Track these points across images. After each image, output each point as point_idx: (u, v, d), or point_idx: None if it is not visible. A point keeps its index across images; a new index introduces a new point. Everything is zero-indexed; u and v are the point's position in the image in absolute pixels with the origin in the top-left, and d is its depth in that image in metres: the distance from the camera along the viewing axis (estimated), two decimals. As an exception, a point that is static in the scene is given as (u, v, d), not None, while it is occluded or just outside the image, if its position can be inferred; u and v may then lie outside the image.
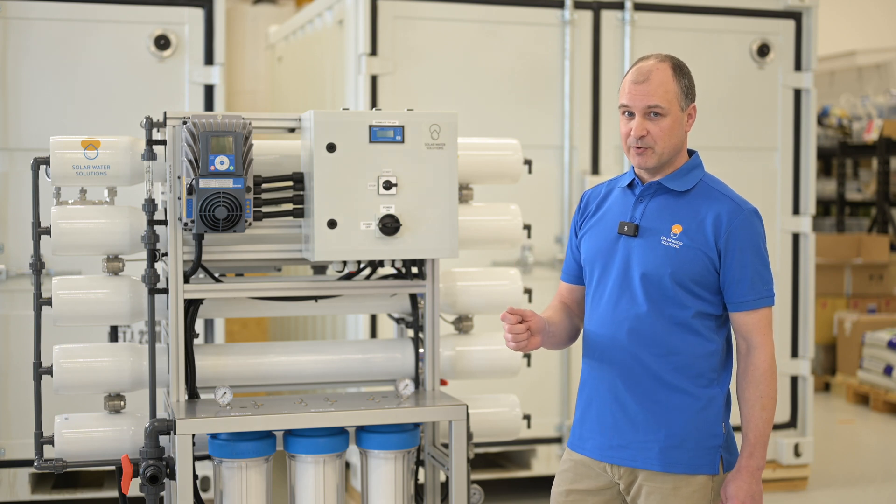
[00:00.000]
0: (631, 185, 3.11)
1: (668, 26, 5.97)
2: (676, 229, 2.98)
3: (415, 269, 3.80)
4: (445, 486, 3.75)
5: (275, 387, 3.88)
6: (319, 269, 4.14)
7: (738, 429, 3.04)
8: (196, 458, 3.47)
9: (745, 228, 2.95)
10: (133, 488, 3.66)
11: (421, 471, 3.92)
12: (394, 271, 3.85)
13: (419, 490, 3.92)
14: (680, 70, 3.00)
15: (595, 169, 5.85)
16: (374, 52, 5.52)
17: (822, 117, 10.96)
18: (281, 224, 3.69)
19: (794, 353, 6.28)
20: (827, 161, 12.03)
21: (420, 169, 3.58)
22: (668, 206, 3.02)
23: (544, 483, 3.47)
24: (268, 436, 3.58)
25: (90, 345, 3.75)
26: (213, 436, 3.55)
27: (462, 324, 4.09)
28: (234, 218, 3.46)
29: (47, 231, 3.65)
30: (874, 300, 9.79)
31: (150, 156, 3.62)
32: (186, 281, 3.62)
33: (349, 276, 3.80)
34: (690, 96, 3.02)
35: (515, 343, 2.98)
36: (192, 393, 3.70)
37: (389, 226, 3.53)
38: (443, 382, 3.91)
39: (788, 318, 6.26)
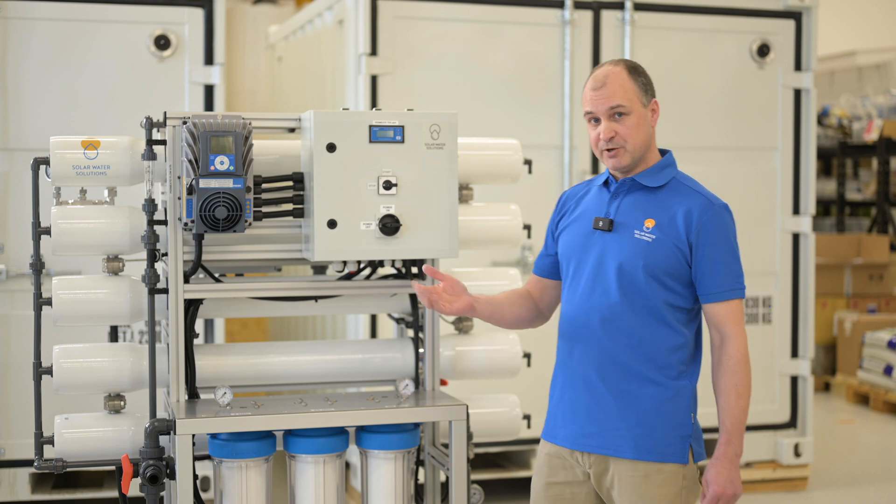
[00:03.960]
0: (606, 183, 3.21)
1: (668, 26, 5.97)
2: (649, 223, 3.07)
3: (415, 269, 3.80)
4: (445, 486, 3.75)
5: (275, 387, 3.88)
6: (319, 269, 4.14)
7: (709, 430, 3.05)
8: (196, 458, 3.47)
9: (715, 223, 3.04)
10: (133, 488, 3.66)
11: (421, 471, 3.92)
12: (394, 271, 3.85)
13: (419, 490, 3.92)
14: (635, 70, 3.12)
15: (595, 169, 5.85)
16: (374, 52, 5.52)
17: (822, 117, 10.96)
18: (281, 224, 3.69)
19: (794, 353, 6.28)
20: (827, 161, 12.03)
21: (420, 169, 3.58)
22: (641, 201, 3.11)
23: (544, 483, 3.54)
24: (268, 436, 3.58)
25: (90, 345, 3.75)
26: (213, 436, 3.54)
27: (462, 324, 4.09)
28: (234, 218, 3.46)
29: (47, 231, 3.65)
30: (874, 300, 9.79)
31: (150, 156, 3.62)
32: (186, 281, 3.62)
33: (349, 276, 3.80)
34: (650, 93, 3.13)
35: (428, 299, 3.15)
36: (192, 393, 3.70)
37: (389, 226, 3.53)
38: (443, 382, 3.91)
39: (788, 318, 6.25)
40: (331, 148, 3.51)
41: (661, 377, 3.06)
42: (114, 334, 4.02)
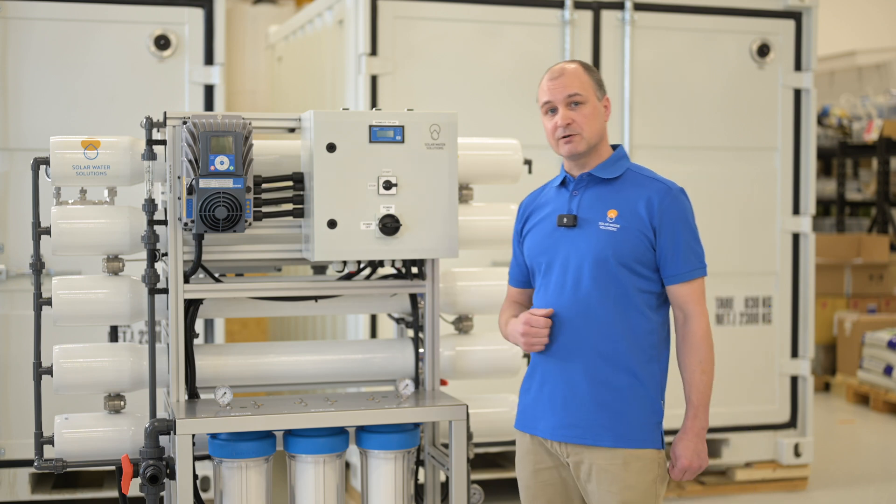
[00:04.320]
0: (564, 183, 3.30)
1: (668, 26, 5.97)
2: (612, 214, 3.16)
3: (415, 269, 3.80)
4: (445, 486, 3.75)
5: (275, 387, 3.88)
6: (319, 269, 4.14)
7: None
8: (196, 458, 3.47)
9: (675, 207, 3.15)
10: (133, 488, 3.66)
11: (421, 471, 3.92)
12: (394, 271, 3.85)
13: (419, 490, 3.92)
14: (589, 67, 3.26)
15: (595, 169, 5.84)
16: (374, 52, 5.52)
17: (822, 117, 10.96)
18: (281, 224, 3.69)
19: (794, 353, 6.27)
20: (827, 161, 12.03)
21: (420, 169, 3.58)
22: (601, 194, 3.20)
23: (544, 483, 3.54)
24: (268, 436, 3.58)
25: (90, 345, 3.75)
26: (213, 436, 3.54)
27: (462, 324, 4.09)
28: (234, 218, 3.46)
29: (47, 231, 3.65)
30: (874, 300, 9.79)
31: (150, 156, 3.62)
32: (186, 281, 3.62)
33: (349, 276, 3.80)
34: (603, 89, 3.26)
35: (538, 341, 3.17)
36: (192, 393, 3.70)
37: (389, 226, 3.53)
38: (443, 382, 3.91)
39: (788, 318, 6.24)
40: (331, 148, 3.51)
41: (634, 364, 3.13)
42: (114, 334, 4.02)
